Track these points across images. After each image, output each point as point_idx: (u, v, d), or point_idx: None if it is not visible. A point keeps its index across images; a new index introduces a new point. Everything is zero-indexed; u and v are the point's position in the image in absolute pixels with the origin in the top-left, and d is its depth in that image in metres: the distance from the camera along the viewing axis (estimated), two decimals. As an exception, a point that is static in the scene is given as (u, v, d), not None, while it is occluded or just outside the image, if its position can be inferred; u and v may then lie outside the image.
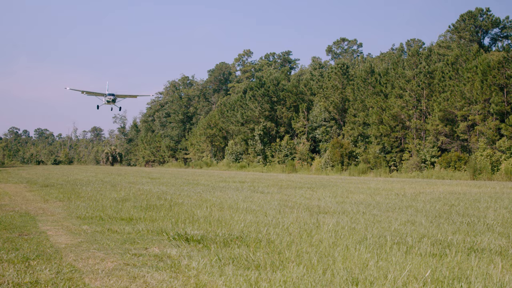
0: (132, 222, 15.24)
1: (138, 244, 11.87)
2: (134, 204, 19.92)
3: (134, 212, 17.22)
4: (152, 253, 10.80)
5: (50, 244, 11.80)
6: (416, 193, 28.94)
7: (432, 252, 10.66)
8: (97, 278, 8.87)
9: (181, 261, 9.89)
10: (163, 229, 13.51)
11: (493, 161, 72.84)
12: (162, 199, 22.04)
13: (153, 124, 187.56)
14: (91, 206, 19.18)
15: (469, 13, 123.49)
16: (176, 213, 16.80)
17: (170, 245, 11.62)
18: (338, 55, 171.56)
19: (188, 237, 12.20)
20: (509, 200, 24.30)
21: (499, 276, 8.65)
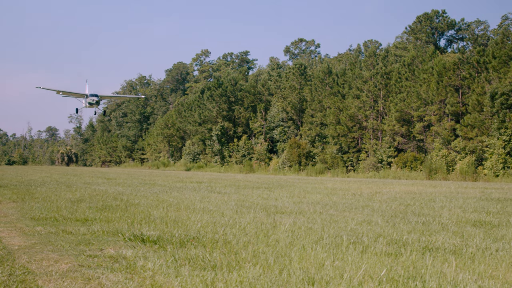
0: (87, 223, 15.06)
1: (93, 245, 11.72)
2: (90, 204, 19.68)
3: (89, 213, 17.01)
4: (108, 254, 10.67)
5: (2, 245, 11.58)
6: (372, 193, 29.18)
7: (388, 251, 10.74)
8: (51, 280, 8.73)
9: (137, 262, 9.79)
10: (118, 230, 13.37)
11: (448, 161, 73.88)
12: (118, 200, 21.83)
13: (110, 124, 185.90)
14: (46, 207, 18.89)
15: (425, 15, 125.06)
16: (132, 214, 16.65)
17: (126, 246, 11.50)
18: (296, 56, 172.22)
19: (144, 238, 12.10)
20: (463, 199, 24.65)
21: (453, 275, 8.74)
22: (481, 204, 21.86)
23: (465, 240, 12.26)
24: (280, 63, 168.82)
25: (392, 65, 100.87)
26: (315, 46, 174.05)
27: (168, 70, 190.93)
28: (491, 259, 10.05)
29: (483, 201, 24.00)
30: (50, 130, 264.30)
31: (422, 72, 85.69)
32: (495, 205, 21.67)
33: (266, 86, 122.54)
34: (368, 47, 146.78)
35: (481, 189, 36.19)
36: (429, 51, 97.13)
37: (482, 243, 11.88)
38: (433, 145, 79.75)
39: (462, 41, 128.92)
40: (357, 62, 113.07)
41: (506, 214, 18.20)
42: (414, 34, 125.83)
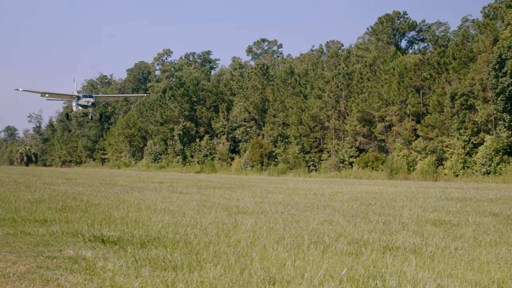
0: (47, 224, 14.84)
1: (52, 246, 11.55)
2: (49, 205, 19.41)
3: (48, 214, 16.77)
4: (67, 255, 10.53)
5: (-42, 247, 11.36)
6: (334, 193, 29.32)
7: (349, 250, 10.78)
8: (8, 281, 8.57)
9: (97, 263, 9.67)
10: (78, 231, 13.20)
11: (409, 161, 74.66)
12: (78, 200, 21.58)
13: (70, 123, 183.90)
14: (3, 207, 18.59)
15: (386, 16, 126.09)
16: (92, 214, 16.46)
17: (86, 247, 11.36)
18: (258, 56, 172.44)
19: (104, 239, 11.96)
20: (424, 199, 24.89)
21: (412, 274, 8.80)
22: (441, 204, 22.10)
23: (425, 239, 12.37)
24: (243, 63, 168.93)
25: (354, 66, 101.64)
26: (277, 46, 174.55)
27: (129, 69, 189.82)
28: (450, 258, 10.15)
29: (443, 200, 24.27)
30: (8, 129, 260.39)
31: (384, 73, 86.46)
32: (455, 204, 21.92)
33: (229, 86, 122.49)
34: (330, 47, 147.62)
35: (441, 188, 36.61)
36: (390, 52, 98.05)
37: (442, 242, 12.00)
38: (394, 145, 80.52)
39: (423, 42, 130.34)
40: (319, 62, 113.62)
41: (465, 213, 18.42)
42: (376, 35, 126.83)
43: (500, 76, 64.88)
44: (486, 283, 8.36)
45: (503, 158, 64.35)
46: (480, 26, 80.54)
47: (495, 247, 11.39)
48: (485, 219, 16.62)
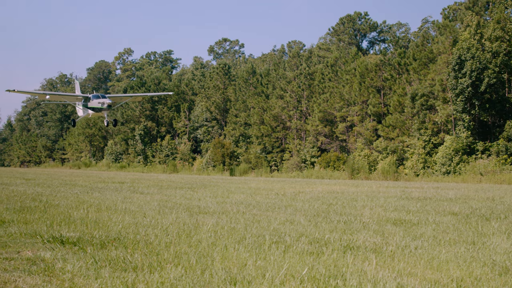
0: (4, 225, 14.58)
1: (10, 247, 11.36)
2: (7, 206, 19.09)
3: (6, 215, 16.50)
4: (25, 256, 10.37)
5: None
6: (296, 193, 29.40)
7: (310, 250, 10.80)
8: (-36, 284, 8.42)
9: (55, 264, 9.54)
10: (37, 232, 13.00)
11: (370, 161, 75.25)
12: (37, 201, 21.28)
13: (29, 123, 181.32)
14: (-40, 208, 18.26)
15: (348, 17, 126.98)
16: (51, 215, 16.24)
17: (44, 248, 11.19)
18: (220, 55, 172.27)
19: (64, 240, 11.81)
20: (384, 198, 25.09)
21: (373, 273, 8.85)
22: (401, 203, 22.29)
23: (385, 239, 12.45)
24: (204, 62, 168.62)
25: (316, 66, 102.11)
26: (239, 46, 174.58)
27: (90, 68, 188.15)
28: (410, 257, 10.23)
29: (404, 200, 24.49)
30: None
31: (345, 73, 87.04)
32: (415, 204, 22.13)
33: (190, 86, 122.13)
34: (292, 47, 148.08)
35: (402, 188, 36.96)
36: (351, 53, 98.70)
37: (402, 241, 12.09)
38: (356, 145, 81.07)
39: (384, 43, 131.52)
40: (281, 62, 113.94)
41: (425, 212, 18.61)
42: (337, 36, 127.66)
43: (460, 77, 65.74)
44: (445, 281, 8.44)
45: (462, 158, 65.20)
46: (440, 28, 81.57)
47: (454, 246, 11.52)
48: (445, 218, 16.81)
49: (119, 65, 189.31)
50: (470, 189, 35.86)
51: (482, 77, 65.24)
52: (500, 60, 67.10)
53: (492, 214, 17.77)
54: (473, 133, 67.34)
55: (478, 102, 65.79)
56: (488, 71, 65.51)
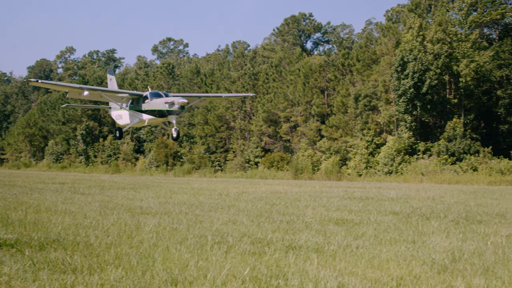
0: None
1: None
2: None
3: None
4: (-41, 259, 10.07)
5: None
6: (239, 193, 29.38)
7: (252, 250, 10.77)
8: None
9: (-9, 267, 9.29)
10: (-28, 234, 12.67)
11: (314, 161, 75.69)
12: (-26, 202, 20.77)
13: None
14: None
15: (293, 17, 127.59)
16: (-12, 217, 15.85)
17: (-20, 251, 10.90)
18: (164, 55, 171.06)
19: (1, 242, 11.52)
20: (327, 198, 25.25)
21: (314, 272, 8.86)
22: (344, 203, 22.47)
23: (327, 238, 12.51)
24: (148, 62, 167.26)
25: (260, 66, 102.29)
26: (183, 45, 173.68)
27: (30, 67, 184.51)
28: (351, 256, 10.29)
29: (346, 200, 24.69)
30: None
31: (289, 74, 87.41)
32: (357, 203, 22.33)
33: (134, 85, 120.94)
34: (237, 48, 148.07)
35: (345, 188, 37.29)
36: (296, 53, 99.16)
37: (344, 240, 12.16)
38: (299, 145, 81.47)
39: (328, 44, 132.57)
40: (225, 62, 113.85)
41: (367, 212, 18.78)
42: (282, 36, 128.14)
43: (402, 78, 66.70)
44: (385, 280, 8.51)
45: (404, 158, 66.16)
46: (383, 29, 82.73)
47: (394, 245, 11.64)
48: (386, 218, 16.99)
49: (61, 63, 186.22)
50: (411, 189, 36.41)
51: (424, 79, 66.35)
52: (442, 61, 68.34)
53: (432, 214, 18.05)
54: (415, 133, 68.39)
55: (420, 103, 66.86)
56: (430, 72, 66.66)
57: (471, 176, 57.52)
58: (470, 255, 10.36)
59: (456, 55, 70.42)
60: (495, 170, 58.50)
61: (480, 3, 76.01)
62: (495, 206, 21.25)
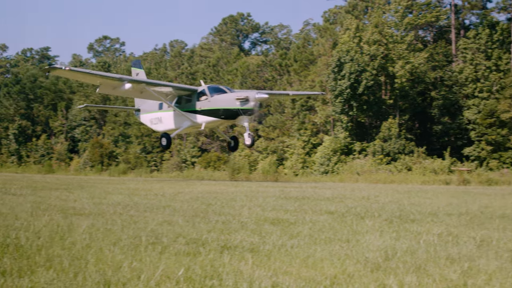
0: None
1: None
2: None
3: None
4: None
5: None
6: (175, 193, 29.19)
7: (187, 251, 10.71)
8: None
9: None
10: None
11: (250, 161, 75.91)
12: None
13: None
14: None
15: (231, 17, 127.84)
16: None
17: None
18: (100, 53, 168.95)
19: None
20: (263, 198, 25.30)
21: (249, 272, 8.85)
22: (280, 203, 22.54)
23: (262, 238, 12.52)
24: (83, 60, 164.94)
25: (198, 66, 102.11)
26: (120, 44, 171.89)
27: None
28: (286, 256, 10.32)
29: (282, 199, 24.78)
30: None
31: (227, 73, 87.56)
32: (293, 203, 22.43)
33: (68, 84, 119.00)
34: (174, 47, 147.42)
35: (281, 188, 37.42)
36: (233, 53, 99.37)
37: (279, 240, 12.19)
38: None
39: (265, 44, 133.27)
40: (162, 61, 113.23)
41: (302, 212, 18.88)
42: (220, 36, 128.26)
43: (339, 79, 67.51)
44: (319, 279, 8.56)
45: (340, 158, 66.96)
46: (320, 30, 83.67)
47: (329, 244, 11.72)
48: (321, 217, 17.11)
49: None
50: (347, 189, 36.82)
51: (360, 79, 67.32)
52: (378, 63, 69.47)
53: (366, 213, 18.27)
54: (351, 133, 69.32)
55: (356, 103, 67.80)
56: (366, 73, 67.64)
57: (406, 175, 58.55)
58: (402, 253, 10.52)
59: (392, 56, 71.69)
60: (429, 169, 59.73)
61: (415, 6, 77.60)
62: (428, 205, 21.67)
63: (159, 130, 45.77)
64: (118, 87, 39.39)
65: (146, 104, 46.65)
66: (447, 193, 30.40)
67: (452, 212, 18.39)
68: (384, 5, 79.98)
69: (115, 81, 39.38)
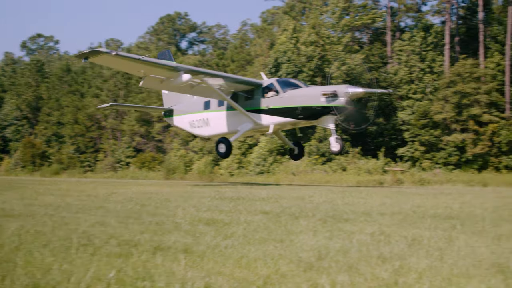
0: None
1: None
2: None
3: None
4: None
5: None
6: (108, 194, 28.81)
7: (119, 252, 10.56)
8: None
9: None
10: None
11: (186, 161, 75.63)
12: None
13: None
14: None
15: (168, 16, 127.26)
16: None
17: None
18: (34, 51, 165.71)
19: None
20: (198, 198, 25.20)
21: (182, 273, 8.79)
22: (215, 203, 22.47)
23: (196, 239, 12.44)
24: (16, 58, 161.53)
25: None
26: (54, 42, 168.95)
27: None
28: (220, 256, 10.27)
29: (217, 200, 24.71)
30: None
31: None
32: (228, 203, 22.39)
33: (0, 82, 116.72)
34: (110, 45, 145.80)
35: (216, 188, 37.36)
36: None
37: (213, 241, 12.13)
38: (172, 146, 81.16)
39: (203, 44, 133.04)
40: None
41: (237, 212, 18.85)
42: (157, 35, 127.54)
43: (276, 79, 67.87)
44: (252, 279, 8.54)
45: (276, 158, 67.27)
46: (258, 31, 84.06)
47: (263, 244, 11.72)
48: (256, 217, 17.10)
49: None
50: (282, 189, 36.97)
51: (297, 80, 67.83)
52: (314, 64, 70.06)
53: (301, 213, 18.34)
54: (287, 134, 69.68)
55: (293, 104, 68.19)
56: (303, 74, 68.14)
57: (341, 176, 59.21)
58: (335, 253, 10.59)
59: (328, 57, 72.46)
60: (363, 170, 60.56)
61: (352, 8, 78.63)
62: (362, 204, 21.92)
63: (205, 134, 40.09)
64: (172, 79, 33.36)
65: (182, 104, 40.97)
66: (380, 193, 30.83)
67: (385, 211, 18.64)
68: (321, 7, 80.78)
69: (169, 71, 33.19)
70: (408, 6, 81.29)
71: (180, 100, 42.67)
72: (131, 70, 36.24)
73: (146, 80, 33.99)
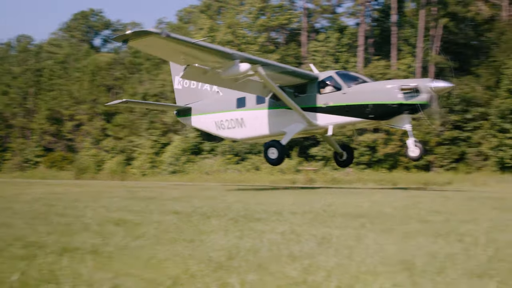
0: None
1: None
2: None
3: None
4: None
5: None
6: (15, 194, 28.07)
7: (24, 255, 10.27)
8: None
9: None
10: None
11: (97, 161, 74.56)
12: None
13: None
14: None
15: (82, 13, 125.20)
16: None
17: None
18: None
19: None
20: (108, 198, 24.88)
21: (89, 274, 8.62)
22: (125, 203, 22.21)
23: (105, 239, 12.24)
24: None
25: (45, 62, 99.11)
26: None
27: None
28: (129, 257, 10.13)
29: (129, 200, 24.45)
30: None
31: (75, 71, 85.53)
32: (140, 203, 22.17)
33: None
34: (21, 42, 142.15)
35: (128, 188, 36.93)
36: (83, 50, 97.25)
37: (122, 241, 11.96)
38: (83, 145, 79.84)
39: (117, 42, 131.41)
40: (7, 57, 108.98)
41: (148, 212, 18.67)
42: (70, 32, 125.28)
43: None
44: (161, 279, 8.46)
45: (189, 158, 67.11)
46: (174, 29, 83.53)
47: (173, 244, 11.63)
48: (167, 217, 16.98)
49: None
50: (195, 188, 36.87)
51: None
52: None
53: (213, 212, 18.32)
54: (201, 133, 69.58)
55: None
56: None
57: (254, 175, 59.57)
58: (246, 252, 10.61)
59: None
60: (277, 169, 61.09)
61: (268, 8, 79.27)
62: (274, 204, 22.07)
63: (237, 137, 34.59)
64: (222, 69, 28.41)
65: (205, 101, 35.71)
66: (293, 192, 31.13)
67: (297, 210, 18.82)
68: (237, 6, 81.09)
69: (224, 60, 27.83)
70: (324, 8, 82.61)
71: (200, 97, 37.52)
72: (172, 57, 30.38)
73: (188, 70, 29.35)
